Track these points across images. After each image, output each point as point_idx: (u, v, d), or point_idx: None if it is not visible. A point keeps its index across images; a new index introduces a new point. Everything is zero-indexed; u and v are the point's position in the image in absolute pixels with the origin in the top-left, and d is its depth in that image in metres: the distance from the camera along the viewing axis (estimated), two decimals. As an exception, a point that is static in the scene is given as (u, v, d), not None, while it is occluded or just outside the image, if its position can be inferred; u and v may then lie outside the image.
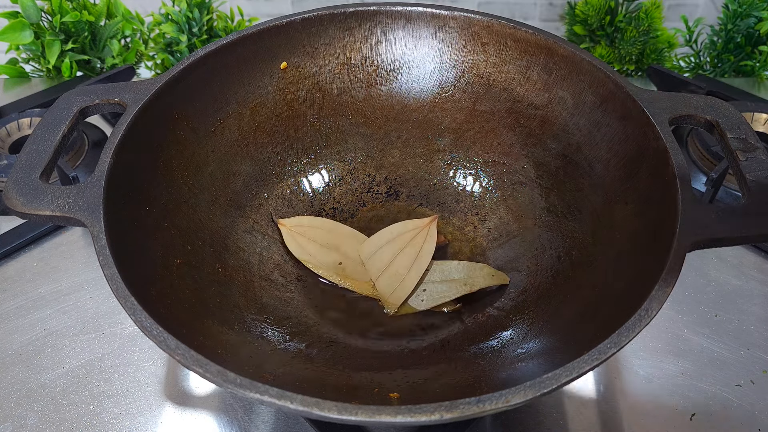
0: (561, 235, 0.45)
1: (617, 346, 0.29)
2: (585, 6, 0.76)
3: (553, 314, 0.40)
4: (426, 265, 0.44)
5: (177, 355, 0.29)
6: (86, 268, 0.52)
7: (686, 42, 0.76)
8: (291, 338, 0.40)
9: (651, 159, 0.39)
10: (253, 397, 0.27)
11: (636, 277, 0.35)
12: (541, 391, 0.27)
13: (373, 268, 0.43)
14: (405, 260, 0.44)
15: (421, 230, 0.44)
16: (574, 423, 0.41)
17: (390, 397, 0.36)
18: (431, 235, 0.45)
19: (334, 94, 0.51)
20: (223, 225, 0.45)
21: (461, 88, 0.51)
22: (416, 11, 0.50)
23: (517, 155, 0.49)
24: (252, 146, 0.49)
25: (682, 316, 0.47)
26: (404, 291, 0.43)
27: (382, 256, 0.44)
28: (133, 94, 0.42)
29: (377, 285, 0.42)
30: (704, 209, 0.34)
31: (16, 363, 0.45)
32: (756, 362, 0.44)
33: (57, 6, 0.69)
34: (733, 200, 0.54)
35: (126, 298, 0.31)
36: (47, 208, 0.35)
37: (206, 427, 0.42)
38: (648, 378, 0.44)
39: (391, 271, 0.43)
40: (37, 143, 0.39)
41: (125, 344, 0.46)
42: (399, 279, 0.43)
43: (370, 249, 0.45)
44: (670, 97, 0.41)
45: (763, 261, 0.51)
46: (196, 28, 0.73)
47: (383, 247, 0.44)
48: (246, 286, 0.43)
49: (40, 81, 0.75)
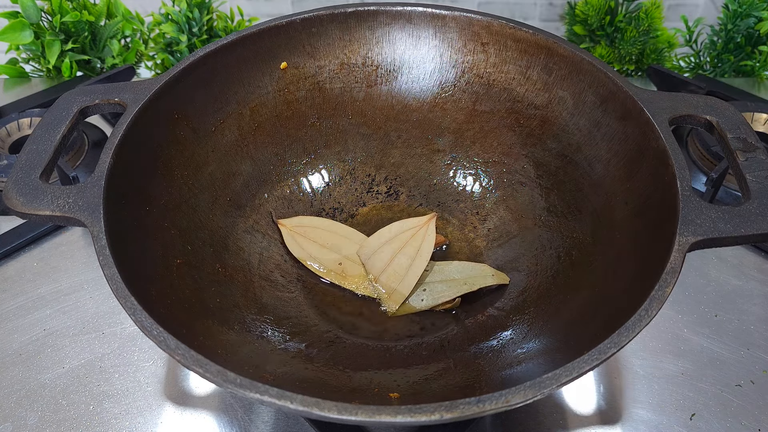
0: (561, 235, 0.45)
1: (617, 346, 0.29)
2: (585, 6, 0.76)
3: (553, 314, 0.40)
4: (425, 263, 0.44)
5: (177, 355, 0.29)
6: (86, 268, 0.52)
7: (686, 42, 0.76)
8: (291, 338, 0.40)
9: (651, 159, 0.39)
10: (253, 397, 0.27)
11: (636, 277, 0.35)
12: (541, 391, 0.27)
13: (373, 268, 0.43)
14: (404, 260, 0.44)
15: (420, 228, 0.44)
16: (574, 423, 0.41)
17: (390, 397, 0.36)
18: (430, 234, 0.45)
19: (334, 94, 0.51)
20: (223, 225, 0.45)
21: (461, 88, 0.51)
22: (416, 11, 0.50)
23: (517, 155, 0.49)
24: (252, 146, 0.49)
25: (682, 316, 0.47)
26: (404, 291, 0.43)
27: (381, 256, 0.44)
28: (133, 94, 0.42)
29: (377, 285, 0.42)
30: (704, 209, 0.34)
31: (16, 363, 0.45)
32: (756, 362, 0.44)
33: (57, 6, 0.69)
34: (733, 200, 0.54)
35: (126, 298, 0.31)
36: (47, 208, 0.35)
37: (206, 427, 0.42)
38: (648, 378, 0.44)
39: (391, 270, 0.43)
40: (37, 143, 0.39)
41: (125, 344, 0.46)
42: (399, 279, 0.43)
43: (369, 249, 0.45)
44: (670, 97, 0.41)
45: (763, 261, 0.51)
46: (196, 28, 0.73)
47: (382, 246, 0.44)
48: (246, 286, 0.43)
49: (40, 81, 0.75)
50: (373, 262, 0.44)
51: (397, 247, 0.44)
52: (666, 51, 0.77)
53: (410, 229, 0.45)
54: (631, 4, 0.76)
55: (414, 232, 0.45)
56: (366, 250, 0.44)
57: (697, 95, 0.42)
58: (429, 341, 0.42)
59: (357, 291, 0.45)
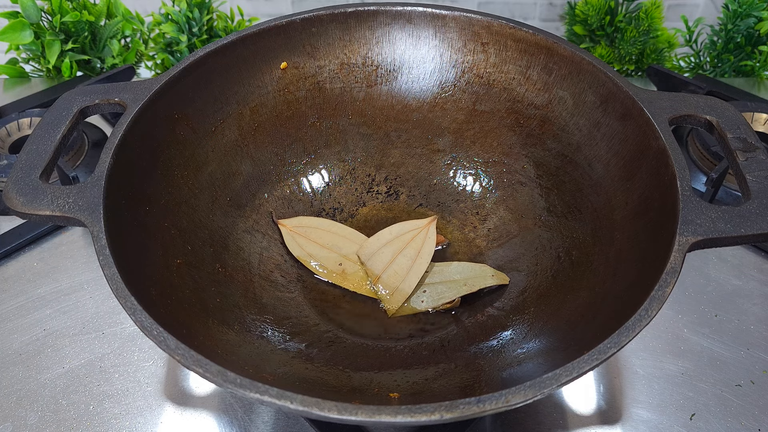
0: (561, 235, 0.45)
1: (617, 346, 0.29)
2: (585, 6, 0.76)
3: (553, 314, 0.40)
4: (426, 265, 0.44)
5: (177, 355, 0.29)
6: (86, 268, 0.52)
7: (686, 42, 0.76)
8: (291, 338, 0.40)
9: (651, 159, 0.39)
10: (253, 397, 0.27)
11: (636, 277, 0.35)
12: (541, 391, 0.27)
13: (373, 269, 0.43)
14: (405, 261, 0.44)
15: (421, 231, 0.44)
16: (574, 423, 0.41)
17: (390, 397, 0.36)
18: (430, 236, 0.45)
19: (334, 94, 0.51)
20: (223, 225, 0.45)
21: (461, 88, 0.51)
22: (416, 11, 0.50)
23: (517, 155, 0.49)
24: (252, 146, 0.49)
25: (682, 316, 0.47)
26: (405, 292, 0.43)
27: (381, 257, 0.44)
28: (133, 94, 0.42)
29: (377, 286, 0.42)
30: (704, 209, 0.34)
31: (16, 363, 0.45)
32: (756, 362, 0.44)
33: (57, 6, 0.69)
34: (733, 200, 0.54)
35: (126, 298, 0.31)
36: (47, 208, 0.35)
37: (206, 427, 0.42)
38: (648, 378, 0.44)
39: (391, 272, 0.43)
40: (37, 143, 0.39)
41: (125, 344, 0.46)
42: (399, 280, 0.43)
43: (370, 250, 0.45)
44: (670, 97, 0.41)
45: (763, 261, 0.51)
46: (196, 28, 0.73)
47: (383, 248, 0.44)
48: (246, 286, 0.43)
49: (40, 81, 0.75)
50: (374, 263, 0.44)
51: (397, 249, 0.44)
52: (666, 51, 0.77)
53: (411, 231, 0.45)
54: (631, 4, 0.76)
55: (414, 234, 0.45)
56: (366, 252, 0.44)
57: (697, 95, 0.42)
58: (429, 341, 0.42)
59: (357, 291, 0.45)
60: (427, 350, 0.41)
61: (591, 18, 0.76)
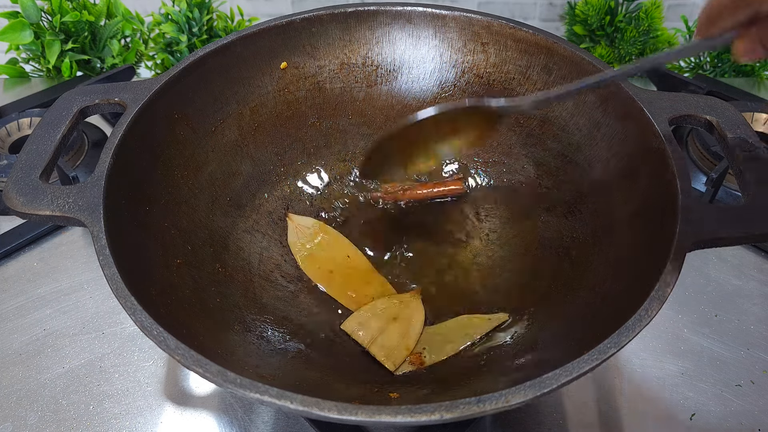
0: (561, 235, 0.45)
1: (617, 346, 0.29)
2: (585, 6, 0.76)
3: (553, 314, 0.40)
4: (418, 335, 0.42)
5: (177, 355, 0.29)
6: (86, 268, 0.52)
7: (686, 42, 0.76)
8: (291, 338, 0.40)
9: (651, 159, 0.39)
10: (253, 397, 0.27)
11: (636, 277, 0.35)
12: (541, 391, 0.27)
13: (364, 338, 0.41)
14: (396, 330, 0.42)
15: (408, 303, 0.43)
16: (574, 423, 0.41)
17: (390, 397, 0.35)
18: (418, 309, 0.43)
19: (334, 94, 0.51)
20: (223, 225, 0.45)
21: (461, 88, 0.51)
22: (416, 11, 0.50)
23: (517, 155, 0.49)
24: (252, 146, 0.49)
25: (682, 316, 0.47)
26: (402, 354, 0.41)
27: (369, 329, 0.41)
28: (133, 94, 0.42)
29: (371, 351, 0.41)
30: (704, 209, 0.34)
31: (16, 363, 0.45)
32: (756, 362, 0.44)
33: (57, 6, 0.69)
34: (733, 200, 0.54)
35: (126, 298, 0.31)
36: (47, 208, 0.35)
37: (206, 427, 0.42)
38: (648, 378, 0.44)
39: (384, 340, 0.41)
40: (37, 143, 0.39)
41: (125, 344, 0.46)
42: (393, 347, 0.41)
43: (355, 323, 0.42)
44: (670, 97, 0.41)
45: (763, 261, 0.51)
46: (196, 28, 0.73)
47: (370, 320, 0.42)
48: (246, 286, 0.43)
49: (40, 81, 0.75)
50: (363, 333, 0.40)
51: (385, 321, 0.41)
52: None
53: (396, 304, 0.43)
54: (631, 4, 0.76)
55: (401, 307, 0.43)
56: (352, 325, 0.42)
57: (697, 95, 0.42)
58: (429, 341, 0.42)
59: (338, 300, 0.44)
60: (427, 350, 0.41)
61: (591, 18, 0.76)
